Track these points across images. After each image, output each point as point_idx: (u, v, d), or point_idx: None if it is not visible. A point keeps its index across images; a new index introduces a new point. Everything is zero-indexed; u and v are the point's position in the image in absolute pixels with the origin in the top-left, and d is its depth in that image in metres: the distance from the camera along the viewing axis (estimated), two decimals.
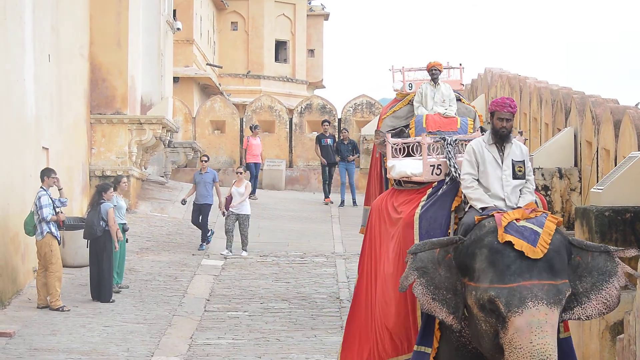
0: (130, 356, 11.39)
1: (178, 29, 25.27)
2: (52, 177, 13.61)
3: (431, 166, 8.04)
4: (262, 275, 16.19)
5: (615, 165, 11.74)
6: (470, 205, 7.47)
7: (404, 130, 11.53)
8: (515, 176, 7.45)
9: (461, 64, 13.86)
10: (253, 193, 23.33)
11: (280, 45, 37.91)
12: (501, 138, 7.47)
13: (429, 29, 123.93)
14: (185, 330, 12.85)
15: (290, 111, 27.38)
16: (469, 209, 7.46)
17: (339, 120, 27.00)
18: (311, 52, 40.20)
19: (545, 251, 6.77)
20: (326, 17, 41.22)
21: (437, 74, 12.20)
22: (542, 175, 13.50)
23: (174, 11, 26.83)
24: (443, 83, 12.26)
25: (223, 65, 36.22)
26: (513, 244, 6.79)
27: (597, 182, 11.94)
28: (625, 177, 10.55)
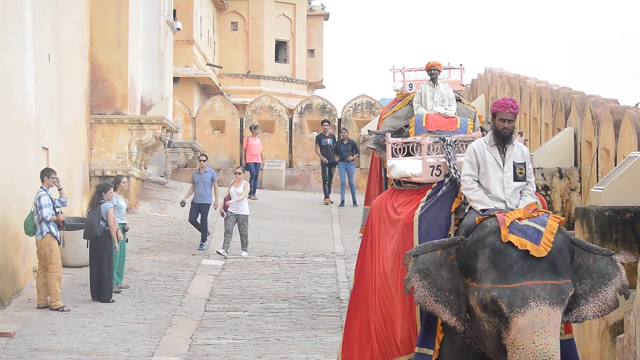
0: (131, 356, 11.39)
1: (178, 29, 25.26)
2: (52, 177, 13.61)
3: (431, 167, 7.98)
4: (262, 275, 16.18)
5: (615, 165, 11.75)
6: (470, 207, 7.42)
7: (403, 129, 11.53)
8: (516, 178, 7.40)
9: (462, 65, 13.87)
10: (253, 193, 23.35)
11: (280, 45, 37.90)
12: (503, 139, 7.41)
13: (429, 29, 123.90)
14: (186, 330, 12.85)
15: (290, 111, 27.36)
16: (469, 210, 7.42)
17: (339, 120, 26.97)
18: (311, 52, 40.19)
19: (548, 250, 6.73)
20: (326, 17, 41.21)
21: (436, 74, 12.20)
22: (542, 175, 13.50)
23: (174, 11, 26.82)
24: (442, 83, 12.25)
25: (223, 65, 36.21)
26: (515, 244, 6.74)
27: (597, 182, 11.94)
28: (625, 177, 10.55)
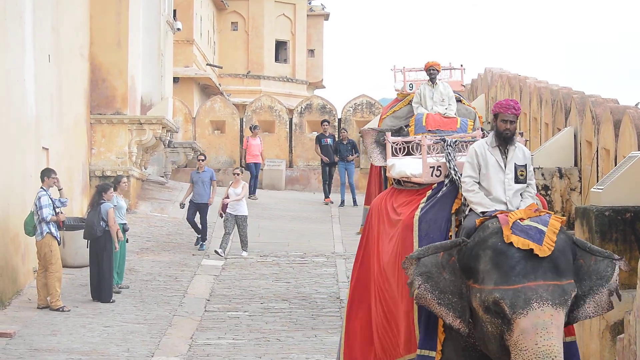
0: (131, 356, 11.39)
1: (178, 29, 25.26)
2: (52, 178, 13.61)
3: (431, 167, 7.91)
4: (263, 275, 16.18)
5: (615, 165, 11.75)
6: (471, 209, 7.37)
7: (403, 128, 11.52)
8: (517, 180, 7.35)
9: (462, 65, 13.88)
10: (253, 193, 23.36)
11: (280, 46, 37.90)
12: (504, 140, 7.36)
13: (429, 29, 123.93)
14: (186, 330, 12.85)
15: (290, 111, 27.35)
16: (470, 212, 7.37)
17: (339, 120, 26.97)
18: (311, 52, 40.18)
19: (551, 249, 6.69)
20: (326, 17, 41.21)
21: (435, 74, 12.18)
22: (542, 175, 13.49)
23: (174, 11, 26.82)
24: (441, 82, 12.24)
25: (223, 66, 36.22)
26: (517, 245, 6.69)
27: (597, 181, 11.94)
28: (625, 177, 10.55)
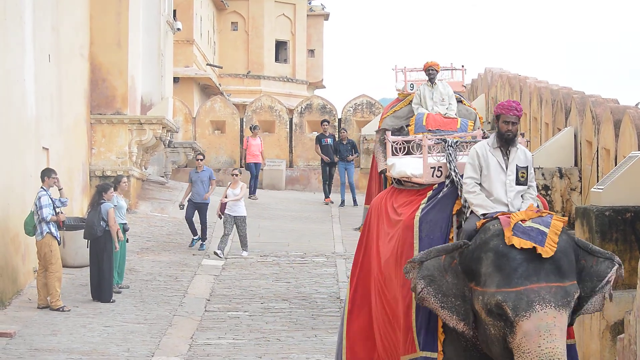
0: (131, 356, 11.39)
1: (178, 29, 25.26)
2: (53, 177, 13.60)
3: (432, 168, 7.87)
4: (263, 275, 16.18)
5: (616, 164, 11.75)
6: (472, 210, 7.32)
7: (403, 127, 11.51)
8: (518, 182, 7.32)
9: (463, 66, 13.88)
10: (253, 193, 23.36)
11: (280, 46, 37.90)
12: (506, 142, 7.32)
13: (429, 29, 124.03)
14: (186, 330, 12.85)
15: (290, 111, 27.36)
16: (471, 214, 7.32)
17: (339, 120, 26.97)
18: (311, 52, 40.19)
19: (554, 250, 6.66)
20: (326, 17, 41.22)
21: (434, 74, 12.16)
22: (543, 175, 13.49)
23: (174, 11, 26.82)
24: (440, 82, 12.23)
25: (223, 66, 36.21)
26: (519, 246, 6.66)
27: (598, 181, 11.94)
28: (625, 177, 10.55)
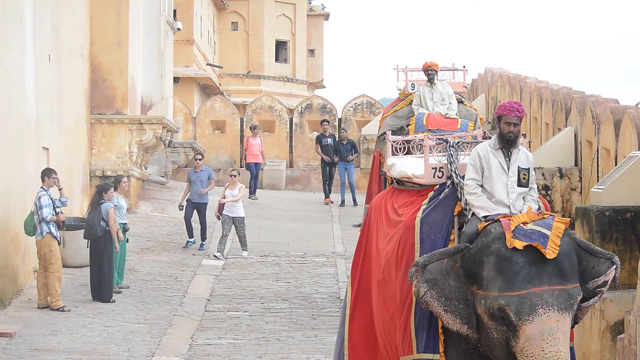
0: (131, 356, 11.39)
1: (178, 29, 25.26)
2: (53, 177, 13.60)
3: (433, 169, 7.84)
4: (263, 275, 16.18)
5: (616, 164, 11.75)
6: (473, 213, 7.27)
7: (404, 127, 11.51)
8: (520, 183, 7.29)
9: (465, 67, 13.89)
10: (253, 193, 23.37)
11: (280, 45, 37.90)
12: (508, 143, 7.29)
13: (429, 29, 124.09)
14: (186, 330, 12.85)
15: (290, 111, 27.35)
16: (472, 216, 7.27)
17: (339, 120, 26.97)
18: (311, 52, 40.19)
19: (556, 252, 6.63)
20: (326, 17, 41.22)
21: (433, 74, 12.15)
22: (543, 175, 13.49)
23: (174, 11, 26.82)
24: (440, 82, 12.23)
25: (223, 65, 36.21)
26: (521, 249, 6.62)
27: (598, 181, 11.94)
28: (625, 177, 10.56)
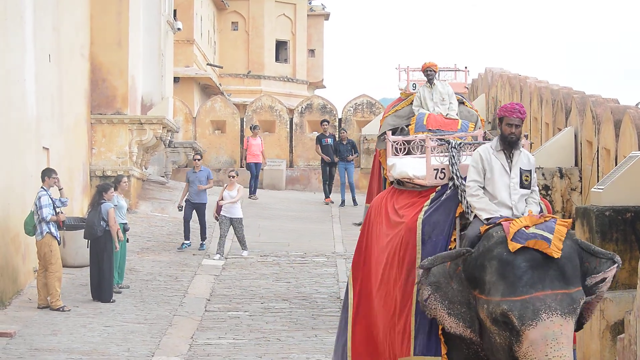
0: (131, 356, 11.39)
1: (178, 29, 25.26)
2: (53, 177, 13.60)
3: (435, 170, 7.80)
4: (263, 275, 16.18)
5: (616, 164, 11.75)
6: (475, 215, 7.23)
7: (404, 128, 11.51)
8: (522, 185, 7.26)
9: (467, 67, 13.87)
10: (254, 193, 23.37)
11: (280, 45, 37.91)
12: (510, 144, 7.26)
13: (429, 29, 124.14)
14: (186, 330, 12.85)
15: (290, 111, 27.35)
16: (474, 219, 7.23)
17: (340, 120, 26.97)
18: (312, 52, 40.19)
19: (559, 255, 6.60)
20: (327, 17, 41.22)
21: (433, 75, 12.14)
22: (543, 175, 13.48)
23: (175, 11, 26.81)
24: (439, 82, 12.23)
25: (223, 65, 36.22)
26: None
27: (598, 181, 11.94)
28: (625, 177, 10.56)
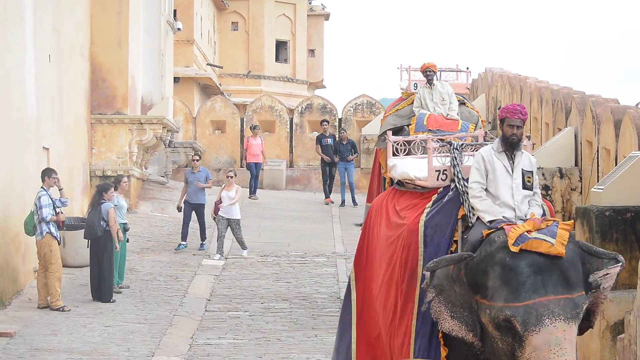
0: (131, 356, 11.39)
1: (178, 29, 25.26)
2: (53, 177, 13.61)
3: (437, 171, 7.75)
4: (263, 275, 16.19)
5: (616, 164, 11.75)
6: (477, 218, 7.19)
7: (405, 128, 11.50)
8: (524, 186, 7.23)
9: (468, 68, 13.86)
10: (254, 193, 23.37)
11: (280, 45, 37.91)
12: (511, 146, 7.24)
13: (429, 29, 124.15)
14: (186, 330, 12.85)
15: (290, 111, 27.36)
16: (476, 222, 7.19)
17: (340, 120, 26.97)
18: (311, 52, 40.20)
19: (563, 252, 6.57)
20: (326, 17, 41.23)
21: (432, 75, 12.14)
22: (543, 174, 13.49)
23: (175, 11, 26.81)
24: (439, 82, 12.23)
25: (223, 65, 36.22)
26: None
27: (598, 181, 11.95)
28: (625, 177, 10.57)
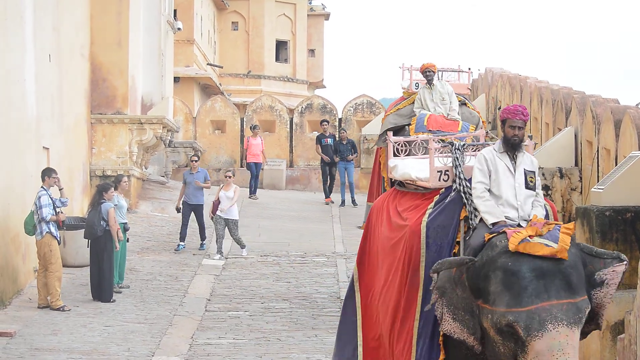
0: (131, 356, 11.39)
1: (179, 28, 25.26)
2: (53, 177, 13.61)
3: (438, 172, 7.75)
4: (263, 275, 16.19)
5: (616, 164, 11.76)
6: (480, 219, 7.17)
7: (405, 128, 11.51)
8: (527, 186, 7.24)
9: (470, 68, 13.85)
10: (254, 193, 23.37)
11: (280, 45, 37.91)
12: (513, 146, 7.25)
13: (429, 29, 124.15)
14: (186, 330, 12.85)
15: (290, 111, 27.36)
16: (478, 224, 7.17)
17: (340, 120, 26.97)
18: (312, 52, 40.20)
19: (566, 254, 6.56)
20: (327, 17, 41.23)
21: (432, 76, 12.15)
22: (543, 175, 13.49)
23: (175, 11, 26.81)
24: (438, 81, 12.24)
25: (224, 65, 36.22)
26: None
27: (598, 181, 11.95)
28: (625, 177, 10.57)
